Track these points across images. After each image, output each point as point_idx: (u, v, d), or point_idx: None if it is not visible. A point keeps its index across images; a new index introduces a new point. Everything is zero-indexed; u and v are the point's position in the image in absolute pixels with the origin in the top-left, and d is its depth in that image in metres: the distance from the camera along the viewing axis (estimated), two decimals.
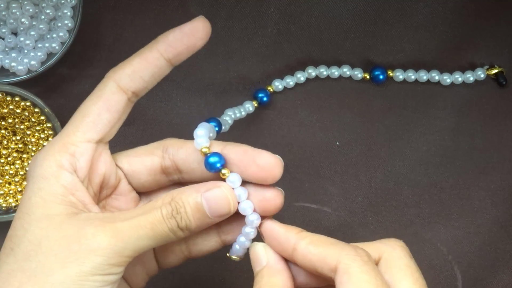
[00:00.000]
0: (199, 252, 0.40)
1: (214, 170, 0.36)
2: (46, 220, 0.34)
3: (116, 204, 0.39)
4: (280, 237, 0.36)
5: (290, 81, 0.51)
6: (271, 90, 0.51)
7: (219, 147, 0.37)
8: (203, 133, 0.37)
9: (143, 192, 0.40)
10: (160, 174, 0.39)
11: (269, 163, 0.36)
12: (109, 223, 0.34)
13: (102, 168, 0.38)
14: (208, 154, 0.36)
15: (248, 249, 0.38)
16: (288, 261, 0.36)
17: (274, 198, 0.37)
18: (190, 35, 0.37)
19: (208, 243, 0.39)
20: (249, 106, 0.50)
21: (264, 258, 0.36)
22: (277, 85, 0.51)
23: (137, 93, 0.38)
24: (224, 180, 0.36)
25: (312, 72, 0.51)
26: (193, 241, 0.39)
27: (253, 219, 0.37)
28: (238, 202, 0.36)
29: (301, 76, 0.51)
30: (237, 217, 0.37)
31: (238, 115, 0.50)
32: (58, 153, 0.36)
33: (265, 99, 0.51)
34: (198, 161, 0.37)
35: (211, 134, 0.38)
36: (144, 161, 0.38)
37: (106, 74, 0.38)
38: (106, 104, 0.37)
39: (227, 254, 0.39)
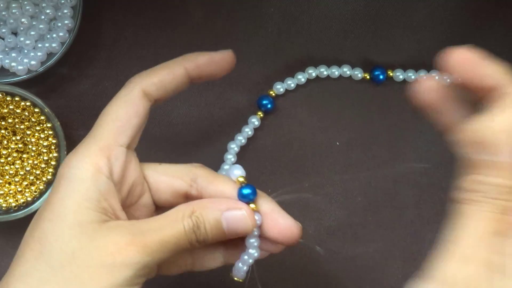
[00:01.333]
0: (201, 267, 0.41)
1: (246, 201, 0.37)
2: (78, 228, 0.35)
3: (137, 214, 0.40)
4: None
5: (291, 83, 0.51)
6: (273, 94, 0.51)
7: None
8: (239, 168, 0.39)
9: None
10: (183, 199, 0.39)
11: (289, 228, 0.38)
12: (139, 236, 0.35)
13: (132, 176, 0.38)
14: (243, 186, 0.38)
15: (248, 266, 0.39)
16: None
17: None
18: (218, 64, 0.40)
19: (213, 262, 0.41)
20: (255, 121, 0.51)
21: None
22: (279, 88, 0.51)
23: (158, 101, 0.39)
24: None
25: (312, 72, 0.51)
26: (198, 255, 0.40)
27: (252, 241, 0.38)
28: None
29: (301, 78, 0.51)
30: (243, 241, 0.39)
31: (250, 132, 0.51)
32: (96, 156, 0.36)
33: (269, 106, 0.51)
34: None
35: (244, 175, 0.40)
36: (171, 182, 0.39)
37: (130, 79, 0.39)
38: (134, 109, 0.37)
39: (230, 274, 0.40)
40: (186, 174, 0.39)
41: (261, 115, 0.51)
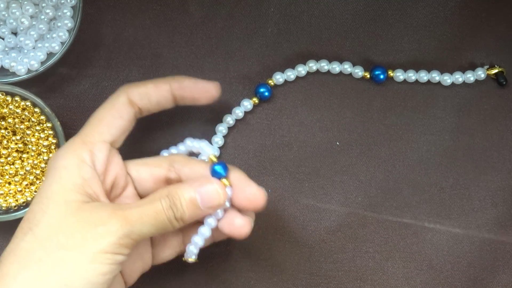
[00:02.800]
0: (162, 254, 0.45)
1: (218, 177, 0.41)
2: (64, 205, 0.39)
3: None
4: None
5: (291, 74, 0.51)
6: (272, 83, 0.51)
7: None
8: (205, 143, 0.44)
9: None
10: (164, 183, 0.43)
11: (255, 195, 0.41)
12: (119, 210, 0.39)
13: (114, 169, 0.42)
14: (215, 163, 0.42)
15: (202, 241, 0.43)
16: None
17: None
18: (200, 91, 0.45)
19: (171, 248, 0.44)
20: (247, 104, 0.51)
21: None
22: (278, 78, 0.51)
23: (142, 110, 0.44)
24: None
25: (313, 66, 0.51)
26: (187, 233, 0.44)
27: (211, 221, 0.42)
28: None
29: (302, 70, 0.51)
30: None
31: (240, 115, 0.51)
32: (79, 149, 0.41)
33: (266, 94, 0.51)
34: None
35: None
36: (151, 170, 0.44)
37: (120, 88, 0.44)
38: (118, 113, 0.43)
39: (183, 259, 0.43)
40: (164, 161, 0.44)
41: (256, 101, 0.51)
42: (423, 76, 0.52)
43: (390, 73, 0.52)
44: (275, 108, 0.52)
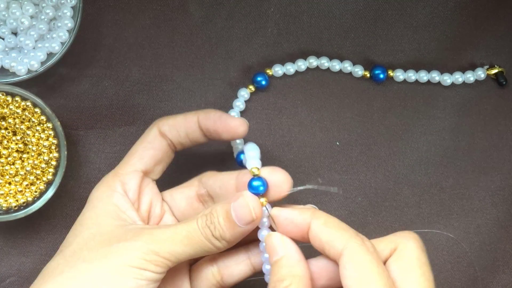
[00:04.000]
0: (230, 277, 0.43)
1: (255, 192, 0.40)
2: (96, 227, 0.40)
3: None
4: (295, 220, 0.38)
5: (290, 68, 0.51)
6: (270, 73, 0.51)
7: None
8: (254, 154, 0.42)
9: None
10: (197, 202, 0.44)
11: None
12: (148, 229, 0.39)
13: (148, 196, 0.43)
14: (253, 177, 0.40)
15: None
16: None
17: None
18: (225, 126, 0.43)
19: (238, 266, 0.43)
20: (244, 94, 0.51)
21: (281, 247, 0.38)
22: (277, 70, 0.51)
23: (174, 143, 0.44)
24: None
25: (313, 62, 0.51)
26: (224, 263, 0.43)
27: (264, 233, 0.40)
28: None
29: (302, 64, 0.51)
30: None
31: (242, 107, 0.51)
32: (111, 180, 0.42)
33: (263, 82, 0.51)
34: (227, 189, 0.42)
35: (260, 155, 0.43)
36: (183, 191, 0.44)
37: (153, 122, 0.44)
38: (150, 144, 0.43)
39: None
40: (193, 180, 0.44)
41: (252, 89, 0.51)
42: (423, 76, 0.52)
43: (390, 73, 0.52)
44: (275, 109, 0.52)
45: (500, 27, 0.53)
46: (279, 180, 0.40)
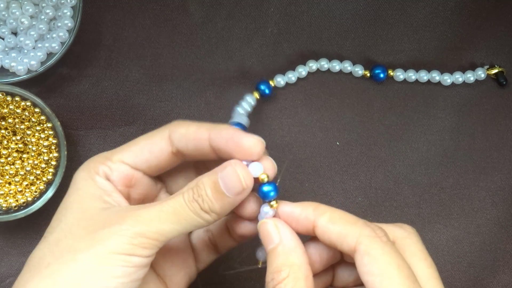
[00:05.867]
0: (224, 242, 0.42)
1: (268, 199, 0.38)
2: (80, 212, 0.37)
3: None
4: (298, 217, 0.37)
5: (292, 76, 0.51)
6: (273, 84, 0.51)
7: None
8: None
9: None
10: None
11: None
12: (133, 210, 0.36)
13: (141, 192, 0.41)
14: (264, 183, 0.38)
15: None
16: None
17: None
18: (238, 146, 0.38)
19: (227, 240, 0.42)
20: (251, 101, 0.50)
21: (276, 235, 0.37)
22: (279, 80, 0.51)
23: (181, 152, 0.40)
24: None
25: (313, 65, 0.51)
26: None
27: (267, 210, 0.38)
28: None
29: (302, 71, 0.51)
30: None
31: (248, 109, 0.49)
32: (96, 164, 0.39)
33: (267, 91, 0.51)
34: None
35: None
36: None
37: (171, 122, 0.40)
38: (151, 145, 0.40)
39: (259, 265, 0.40)
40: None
41: (257, 97, 0.51)
42: (423, 76, 0.52)
43: (390, 73, 0.52)
44: (275, 109, 0.52)
45: (500, 27, 0.53)
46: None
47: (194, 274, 0.43)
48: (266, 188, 0.37)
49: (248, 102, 0.49)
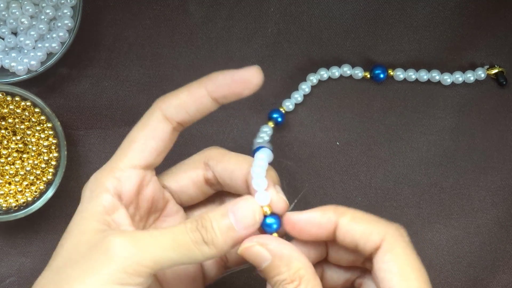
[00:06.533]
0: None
1: (270, 231, 0.37)
2: (79, 235, 0.36)
3: (165, 226, 0.40)
4: (319, 221, 0.37)
5: (298, 96, 0.51)
6: (284, 111, 0.51)
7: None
8: (264, 185, 0.37)
9: (192, 207, 0.42)
10: (205, 185, 0.40)
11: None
12: (129, 236, 0.35)
13: (150, 194, 0.39)
14: (267, 216, 0.37)
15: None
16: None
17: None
18: (240, 82, 0.38)
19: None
20: (268, 130, 0.50)
21: (265, 252, 0.36)
22: (288, 105, 0.51)
23: (182, 124, 0.39)
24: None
25: (313, 79, 0.51)
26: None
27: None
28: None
29: (305, 87, 0.51)
30: None
31: (266, 138, 0.50)
32: (104, 177, 0.38)
33: (279, 119, 0.51)
34: (234, 177, 0.39)
35: (268, 162, 0.39)
36: (189, 176, 0.40)
37: (154, 102, 0.39)
38: (152, 132, 0.38)
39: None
40: (198, 160, 0.40)
41: (272, 126, 0.51)
42: (423, 75, 0.52)
43: (390, 72, 0.52)
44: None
45: (500, 27, 0.52)
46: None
47: None
48: (269, 221, 0.37)
49: (264, 131, 0.50)
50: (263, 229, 0.37)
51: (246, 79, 0.38)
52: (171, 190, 0.41)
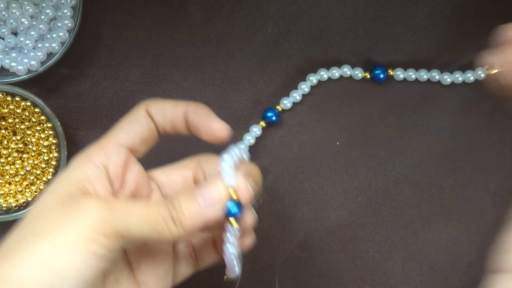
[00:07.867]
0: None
1: (229, 215, 0.38)
2: (54, 197, 0.36)
3: None
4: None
5: (296, 95, 0.51)
6: (280, 109, 0.51)
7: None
8: (231, 166, 0.38)
9: None
10: (193, 185, 0.42)
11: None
12: (105, 198, 0.36)
13: (135, 176, 0.41)
14: (230, 201, 0.38)
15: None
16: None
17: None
18: (208, 126, 0.41)
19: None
20: (256, 130, 0.50)
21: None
22: (286, 103, 0.51)
23: (157, 127, 0.42)
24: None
25: (313, 79, 0.51)
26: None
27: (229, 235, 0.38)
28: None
29: (305, 87, 0.51)
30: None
31: (252, 141, 0.51)
32: (93, 152, 0.39)
33: (274, 118, 0.51)
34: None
35: (235, 159, 0.39)
36: (181, 172, 0.42)
37: (142, 102, 0.42)
38: (136, 120, 0.41)
39: (224, 278, 0.41)
40: (191, 162, 0.43)
41: (263, 125, 0.51)
42: (423, 75, 0.52)
43: (390, 72, 0.52)
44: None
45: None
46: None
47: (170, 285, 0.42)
48: (230, 205, 0.37)
49: (254, 131, 0.50)
50: (224, 213, 0.38)
51: (213, 127, 0.41)
52: (159, 182, 0.42)
